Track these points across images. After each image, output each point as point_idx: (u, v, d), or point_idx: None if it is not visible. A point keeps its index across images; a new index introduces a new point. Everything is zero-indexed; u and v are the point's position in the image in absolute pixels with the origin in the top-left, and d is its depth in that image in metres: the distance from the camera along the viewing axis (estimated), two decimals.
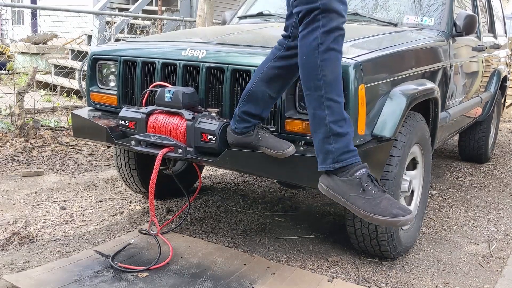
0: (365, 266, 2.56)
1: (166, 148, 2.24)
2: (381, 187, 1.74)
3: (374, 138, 2.25)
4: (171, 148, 2.24)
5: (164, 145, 2.25)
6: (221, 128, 2.14)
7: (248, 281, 2.28)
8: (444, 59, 3.09)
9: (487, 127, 4.70)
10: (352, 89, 2.06)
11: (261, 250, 2.68)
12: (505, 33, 5.29)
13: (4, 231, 2.77)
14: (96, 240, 2.71)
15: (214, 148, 2.16)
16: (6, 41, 12.88)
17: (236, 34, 2.81)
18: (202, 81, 2.37)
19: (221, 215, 3.18)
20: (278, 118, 2.21)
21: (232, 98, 2.31)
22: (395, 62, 2.49)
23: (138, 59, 2.55)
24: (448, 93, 3.20)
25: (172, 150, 2.24)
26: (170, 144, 2.23)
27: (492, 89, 4.59)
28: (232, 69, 2.29)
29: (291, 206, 3.41)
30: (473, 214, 3.44)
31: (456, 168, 4.70)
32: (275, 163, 2.11)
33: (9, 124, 5.15)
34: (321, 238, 2.89)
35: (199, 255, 2.53)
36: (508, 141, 6.21)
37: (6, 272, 2.29)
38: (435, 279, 2.48)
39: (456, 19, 3.28)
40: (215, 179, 3.99)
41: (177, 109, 2.26)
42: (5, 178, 3.76)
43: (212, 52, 2.37)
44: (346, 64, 2.07)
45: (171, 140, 2.23)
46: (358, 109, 2.09)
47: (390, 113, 2.28)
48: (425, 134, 2.69)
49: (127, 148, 2.46)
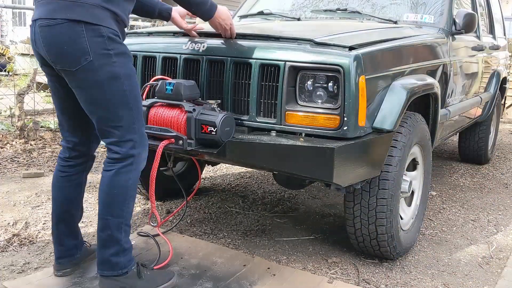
0: (365, 267, 2.56)
1: (167, 140, 2.24)
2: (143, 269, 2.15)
3: (375, 130, 2.27)
4: (172, 140, 2.24)
5: (164, 137, 2.25)
6: (221, 120, 2.15)
7: (248, 282, 2.28)
8: (444, 56, 3.11)
9: (487, 128, 4.70)
10: (353, 81, 2.08)
11: (261, 251, 2.68)
12: (504, 34, 5.30)
13: (4, 232, 2.78)
14: (94, 243, 2.70)
15: (215, 139, 2.17)
16: (6, 43, 12.89)
17: (237, 29, 2.82)
18: (203, 74, 2.38)
19: (221, 216, 3.18)
20: (278, 111, 2.22)
21: (234, 91, 2.33)
22: (395, 56, 2.51)
23: (138, 53, 2.56)
24: (448, 90, 3.21)
25: (172, 142, 2.24)
26: (170, 136, 2.23)
27: (492, 90, 4.60)
28: (233, 62, 2.31)
29: (290, 207, 3.42)
30: (473, 215, 3.45)
31: (456, 169, 4.70)
32: (276, 154, 2.12)
33: (9, 126, 5.15)
34: (321, 239, 2.89)
35: (199, 255, 2.53)
36: (508, 142, 6.22)
37: (6, 273, 2.30)
38: (435, 280, 2.48)
39: (455, 17, 3.29)
40: (215, 180, 3.99)
41: (178, 101, 2.26)
42: (5, 179, 3.76)
43: (212, 46, 2.39)
44: (347, 56, 2.09)
45: (172, 132, 2.23)
46: (359, 100, 2.11)
47: (390, 106, 2.29)
48: (425, 135, 2.70)
49: None
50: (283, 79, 2.19)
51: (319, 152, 2.05)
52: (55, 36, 1.83)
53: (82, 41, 1.80)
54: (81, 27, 1.80)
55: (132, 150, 1.97)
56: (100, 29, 1.82)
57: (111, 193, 1.99)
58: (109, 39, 1.85)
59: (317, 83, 2.18)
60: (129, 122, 1.95)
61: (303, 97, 2.21)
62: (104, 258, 2.04)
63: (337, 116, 2.13)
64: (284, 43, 2.28)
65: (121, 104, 1.91)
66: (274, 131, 2.25)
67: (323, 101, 2.18)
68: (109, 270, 2.04)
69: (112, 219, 2.00)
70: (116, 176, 1.97)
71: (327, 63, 2.13)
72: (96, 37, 1.82)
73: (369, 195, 2.39)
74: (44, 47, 1.86)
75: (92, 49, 1.82)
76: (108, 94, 1.87)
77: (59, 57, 1.86)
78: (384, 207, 2.37)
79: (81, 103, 1.96)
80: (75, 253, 2.30)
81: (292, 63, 2.18)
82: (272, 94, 2.23)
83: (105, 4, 1.85)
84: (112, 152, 1.98)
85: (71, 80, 1.91)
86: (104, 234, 2.02)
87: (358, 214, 2.44)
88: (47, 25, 1.83)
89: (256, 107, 2.26)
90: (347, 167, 2.12)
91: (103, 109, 1.91)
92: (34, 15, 1.89)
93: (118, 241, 2.02)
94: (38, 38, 1.87)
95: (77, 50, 1.81)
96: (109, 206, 2.00)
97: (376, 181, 2.36)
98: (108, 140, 1.97)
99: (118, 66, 1.87)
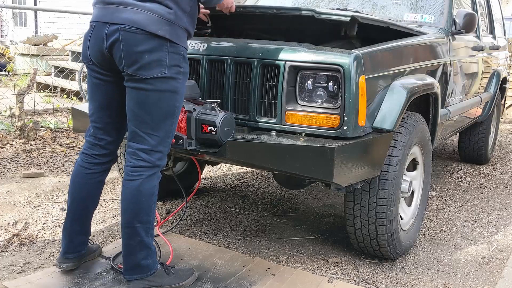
0: (365, 267, 2.56)
1: None
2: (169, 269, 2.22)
3: (375, 130, 2.27)
4: (172, 139, 2.24)
5: None
6: (222, 120, 2.15)
7: (248, 283, 2.28)
8: (444, 56, 3.11)
9: (487, 128, 4.70)
10: (353, 81, 2.08)
11: (261, 251, 2.68)
12: (504, 35, 5.30)
13: (4, 232, 2.77)
14: (96, 241, 2.70)
15: (215, 139, 2.17)
16: (6, 43, 12.89)
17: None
18: (203, 74, 2.38)
19: (221, 216, 3.18)
20: (279, 111, 2.22)
21: (234, 91, 2.33)
22: (395, 56, 2.51)
23: None
24: (448, 90, 3.21)
25: (172, 141, 2.24)
26: None
27: (492, 90, 4.60)
28: (233, 62, 2.30)
29: (290, 207, 3.41)
30: (473, 215, 3.45)
31: (456, 169, 4.70)
32: (276, 154, 2.12)
33: (9, 126, 5.15)
34: (321, 239, 2.89)
35: (199, 257, 2.53)
36: (508, 142, 6.22)
37: (6, 273, 2.29)
38: (435, 280, 2.48)
39: (455, 17, 3.29)
40: (215, 181, 3.99)
41: None
42: (5, 179, 3.76)
43: (213, 45, 2.39)
44: (347, 55, 2.10)
45: None
46: (359, 100, 2.11)
47: (390, 106, 2.30)
48: (425, 135, 2.70)
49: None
50: (283, 79, 2.19)
51: (319, 152, 2.05)
52: (139, 42, 1.91)
53: (163, 55, 1.93)
54: (166, 43, 1.92)
55: (159, 161, 2.05)
56: (179, 48, 1.97)
57: (139, 202, 2.03)
58: (183, 58, 2.01)
59: (317, 83, 2.18)
60: (166, 135, 2.04)
61: (303, 96, 2.21)
62: (134, 263, 2.09)
63: (337, 115, 2.13)
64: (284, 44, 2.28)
65: (167, 116, 2.01)
66: (274, 131, 2.25)
67: (323, 100, 2.18)
68: (140, 273, 2.10)
69: (141, 226, 2.05)
70: (143, 185, 2.02)
71: (327, 62, 2.13)
72: (174, 54, 1.96)
73: (369, 195, 2.38)
74: (124, 50, 1.92)
75: (169, 64, 1.94)
76: (162, 104, 1.98)
77: (135, 63, 1.92)
78: (384, 207, 2.37)
79: (131, 104, 2.01)
80: (82, 249, 2.33)
81: (292, 63, 2.18)
82: (272, 93, 2.24)
83: (187, 27, 2.00)
84: (138, 159, 2.02)
85: (134, 83, 1.97)
86: (133, 242, 2.06)
87: (358, 214, 2.44)
88: (133, 32, 1.90)
89: (256, 106, 2.26)
90: (347, 167, 2.12)
91: (150, 116, 1.98)
92: (114, 18, 1.92)
93: (148, 245, 2.09)
94: (118, 40, 1.92)
95: (156, 61, 1.92)
96: (138, 214, 2.04)
97: (376, 181, 2.36)
98: (140, 146, 2.02)
99: (180, 84, 2.02)
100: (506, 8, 11.39)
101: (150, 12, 1.90)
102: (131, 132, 2.04)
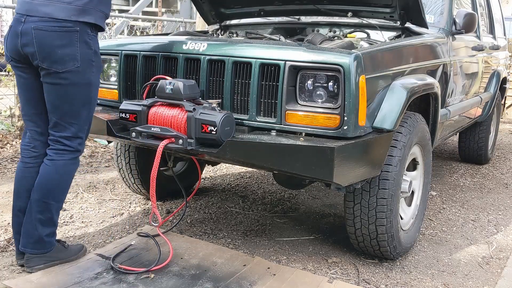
0: (365, 267, 2.56)
1: (167, 140, 2.24)
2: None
3: (375, 130, 2.27)
4: (172, 139, 2.24)
5: (165, 136, 2.25)
6: (222, 119, 2.15)
7: (248, 282, 2.28)
8: (444, 56, 3.11)
9: (487, 128, 4.70)
10: (353, 80, 2.08)
11: (261, 251, 2.68)
12: (504, 35, 5.30)
13: (4, 232, 2.77)
14: (96, 241, 2.71)
15: (215, 139, 2.17)
16: None
17: None
18: (203, 74, 2.38)
19: (221, 216, 3.18)
20: (279, 110, 2.22)
21: (234, 91, 2.33)
22: (395, 56, 2.51)
23: (139, 53, 2.56)
24: (448, 90, 3.21)
25: (173, 141, 2.24)
26: (171, 135, 2.23)
27: (492, 90, 4.60)
28: (233, 62, 2.31)
29: (290, 207, 3.41)
30: (473, 215, 3.45)
31: (456, 169, 4.70)
32: (276, 154, 2.12)
33: (9, 126, 5.15)
34: (321, 239, 2.89)
35: (199, 256, 2.53)
36: (508, 142, 6.22)
37: (6, 273, 2.29)
38: (435, 280, 2.48)
39: (455, 17, 3.29)
40: (215, 181, 3.99)
41: (178, 100, 2.26)
42: (6, 179, 3.76)
43: (213, 45, 2.39)
44: (347, 55, 2.10)
45: (172, 131, 2.23)
46: (359, 100, 2.11)
47: (390, 106, 2.30)
48: (425, 135, 2.70)
49: (128, 142, 2.46)
50: (283, 79, 2.19)
51: (319, 152, 2.05)
52: (49, 38, 2.10)
53: (74, 50, 2.13)
54: (76, 37, 2.12)
55: (80, 146, 2.30)
56: (90, 43, 2.18)
57: (58, 179, 2.26)
58: (95, 52, 2.22)
59: (317, 83, 2.18)
60: (84, 123, 2.28)
61: (303, 96, 2.21)
62: (38, 238, 2.27)
63: (337, 115, 2.13)
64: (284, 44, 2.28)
65: (84, 106, 2.25)
66: (274, 131, 2.25)
67: (323, 100, 2.18)
68: (41, 248, 2.29)
69: (55, 204, 2.28)
70: (66, 165, 2.27)
71: (327, 62, 2.13)
72: (86, 49, 2.17)
73: (369, 195, 2.38)
74: (36, 46, 2.10)
75: (81, 58, 2.15)
76: (79, 95, 2.20)
77: (48, 58, 2.12)
78: (384, 207, 2.37)
79: (49, 96, 2.21)
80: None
81: (292, 63, 2.18)
82: (272, 93, 2.24)
83: (98, 22, 2.20)
84: (60, 144, 2.26)
85: (49, 77, 2.16)
86: (43, 217, 2.26)
87: (358, 214, 2.44)
88: (43, 29, 2.09)
89: (256, 106, 2.26)
90: (347, 167, 2.12)
91: (69, 106, 2.21)
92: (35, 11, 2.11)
93: (55, 223, 2.33)
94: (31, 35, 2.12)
95: (68, 55, 2.12)
96: (53, 191, 2.26)
97: (376, 181, 2.36)
98: (62, 134, 2.25)
99: (94, 76, 2.25)
100: (506, 8, 11.39)
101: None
102: (54, 123, 2.24)
